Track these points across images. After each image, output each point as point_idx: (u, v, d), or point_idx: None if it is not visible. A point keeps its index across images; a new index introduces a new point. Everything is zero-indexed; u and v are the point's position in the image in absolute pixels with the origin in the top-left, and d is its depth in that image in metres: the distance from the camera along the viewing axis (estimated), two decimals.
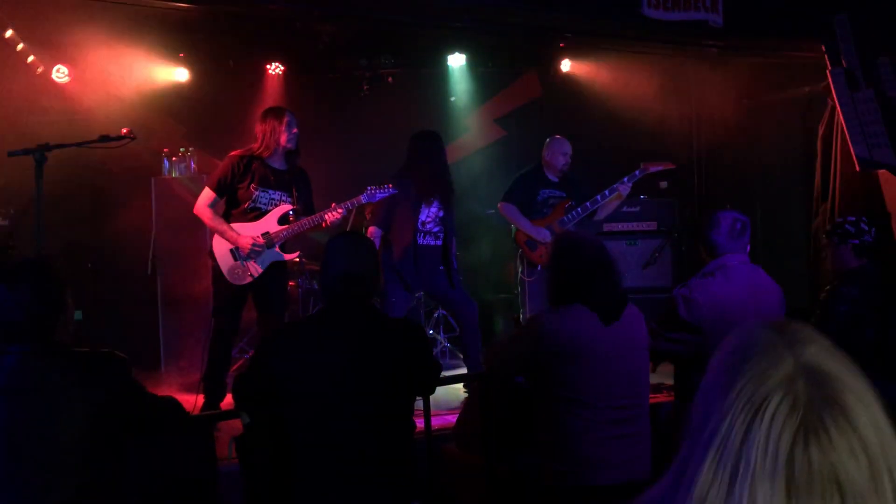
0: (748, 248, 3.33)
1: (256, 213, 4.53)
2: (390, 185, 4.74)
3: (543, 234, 5.38)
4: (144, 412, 2.37)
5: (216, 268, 4.54)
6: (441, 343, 6.70)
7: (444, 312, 6.74)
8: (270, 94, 7.38)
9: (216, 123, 7.01)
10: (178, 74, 7.03)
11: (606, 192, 5.39)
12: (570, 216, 5.43)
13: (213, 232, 4.59)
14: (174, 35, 6.42)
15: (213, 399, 4.43)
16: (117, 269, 6.42)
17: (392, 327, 2.65)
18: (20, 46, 6.11)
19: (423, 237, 5.14)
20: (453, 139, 7.76)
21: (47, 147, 4.00)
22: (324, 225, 4.62)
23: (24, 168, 4.12)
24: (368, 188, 4.70)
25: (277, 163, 4.60)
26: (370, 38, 7.06)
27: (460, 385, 5.14)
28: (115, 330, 5.89)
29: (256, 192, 4.51)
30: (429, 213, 5.16)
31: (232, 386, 2.68)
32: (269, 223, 4.54)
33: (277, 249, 4.57)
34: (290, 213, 4.61)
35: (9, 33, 6.02)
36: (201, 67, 7.06)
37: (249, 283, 4.55)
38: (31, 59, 6.21)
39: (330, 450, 2.43)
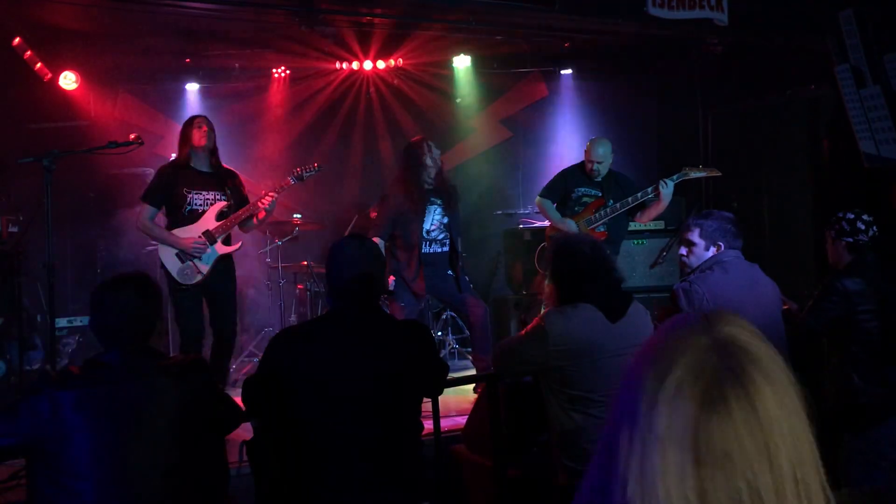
0: (740, 243, 3.42)
1: (194, 216, 4.70)
2: (315, 164, 4.99)
3: (570, 225, 5.37)
4: (223, 412, 2.59)
5: (168, 276, 4.70)
6: (449, 344, 6.71)
7: (452, 314, 6.75)
8: (276, 97, 7.41)
9: (223, 127, 7.03)
10: (184, 79, 7.06)
11: (639, 195, 5.32)
12: (597, 215, 5.40)
13: (158, 243, 4.78)
14: (180, 40, 6.44)
15: None
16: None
17: (399, 329, 2.66)
18: (28, 54, 6.15)
19: (429, 245, 5.16)
20: (459, 141, 7.77)
21: (56, 154, 4.02)
22: (261, 214, 4.79)
23: (34, 175, 4.15)
24: (294, 170, 4.96)
25: (203, 166, 4.78)
26: (376, 40, 7.07)
27: (470, 386, 5.14)
28: None
29: (190, 195, 4.69)
30: (433, 221, 5.17)
31: (241, 390, 2.69)
32: (208, 222, 4.72)
33: (220, 244, 4.75)
34: (225, 209, 4.77)
35: (16, 41, 6.05)
36: (207, 72, 7.09)
37: (202, 289, 4.70)
38: (38, 66, 6.25)
39: (340, 451, 2.44)
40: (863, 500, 1.44)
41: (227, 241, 4.80)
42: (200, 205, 4.73)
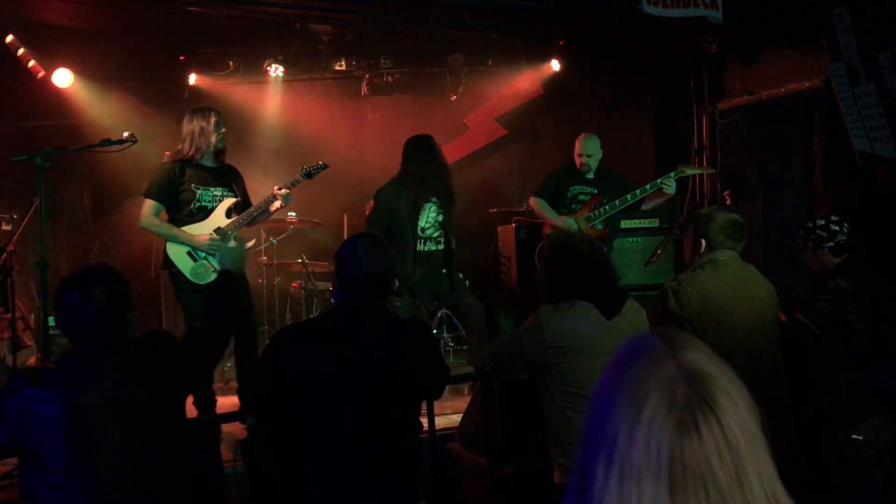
0: (737, 245, 3.40)
1: (203, 213, 4.55)
2: (321, 162, 4.92)
3: (569, 223, 5.39)
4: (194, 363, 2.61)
5: (177, 275, 4.48)
6: (444, 342, 6.70)
7: (447, 311, 6.74)
8: (271, 95, 7.39)
9: None
10: (178, 77, 7.03)
11: (637, 193, 5.38)
12: (596, 213, 5.43)
13: (164, 241, 4.55)
14: (174, 37, 6.42)
15: (204, 411, 4.43)
16: (120, 271, 6.43)
17: (402, 327, 2.64)
18: (21, 51, 6.11)
19: (424, 243, 5.13)
20: (454, 138, 7.76)
21: (50, 151, 4.00)
22: (273, 208, 4.71)
23: (27, 173, 4.13)
24: (302, 167, 4.87)
25: (209, 162, 4.62)
26: (370, 38, 7.06)
27: (464, 384, 5.14)
28: None
29: (199, 192, 4.52)
30: (427, 219, 5.15)
31: (239, 387, 2.68)
32: (218, 219, 4.57)
33: (233, 241, 4.56)
34: (233, 206, 4.65)
35: (9, 38, 6.02)
36: (202, 69, 7.06)
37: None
38: (31, 63, 6.22)
39: (337, 450, 2.43)
40: None
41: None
42: (209, 201, 4.58)
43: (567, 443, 2.83)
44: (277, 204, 4.68)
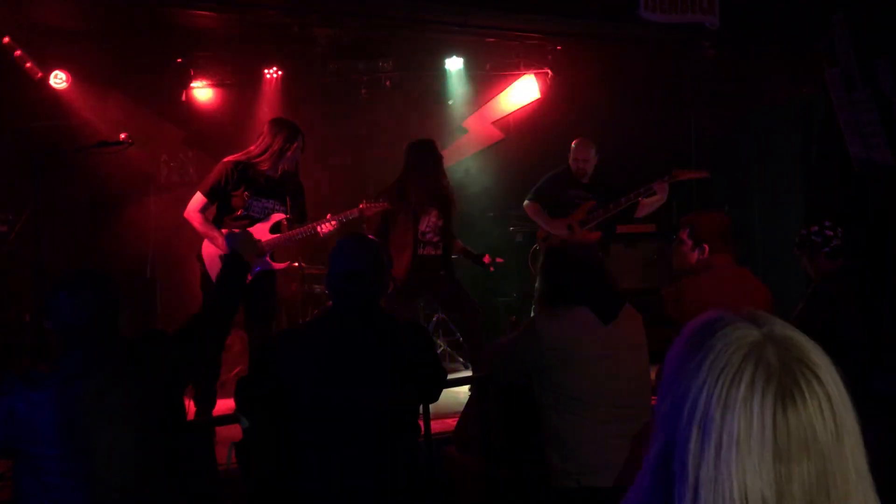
0: (734, 249, 3.40)
1: (249, 222, 4.48)
2: (385, 203, 4.78)
3: (562, 227, 5.40)
4: (189, 363, 2.61)
5: (205, 272, 4.49)
6: (441, 346, 6.70)
7: (444, 316, 6.74)
8: (268, 98, 7.38)
9: (214, 128, 7.01)
10: (175, 80, 7.02)
11: (631, 196, 5.39)
12: (590, 217, 5.44)
13: (202, 236, 4.52)
14: (171, 40, 6.42)
15: (204, 407, 4.41)
16: (116, 273, 6.40)
17: (398, 329, 2.64)
18: (18, 52, 6.11)
19: (423, 247, 5.13)
20: (451, 142, 7.77)
21: (46, 153, 4.00)
22: (321, 235, 4.61)
23: (24, 174, 4.12)
24: (363, 203, 4.73)
25: (272, 171, 4.55)
26: (368, 41, 7.06)
27: (460, 388, 5.13)
28: None
29: (249, 200, 4.45)
30: (428, 223, 5.14)
31: (234, 389, 2.68)
32: (261, 232, 4.50)
33: (268, 259, 4.53)
34: (283, 221, 4.58)
35: (6, 39, 6.02)
36: (199, 72, 7.06)
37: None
38: (28, 64, 6.21)
39: (333, 453, 2.43)
40: None
41: (274, 256, 4.59)
42: (258, 213, 4.51)
43: (564, 446, 2.82)
44: (325, 229, 4.60)
